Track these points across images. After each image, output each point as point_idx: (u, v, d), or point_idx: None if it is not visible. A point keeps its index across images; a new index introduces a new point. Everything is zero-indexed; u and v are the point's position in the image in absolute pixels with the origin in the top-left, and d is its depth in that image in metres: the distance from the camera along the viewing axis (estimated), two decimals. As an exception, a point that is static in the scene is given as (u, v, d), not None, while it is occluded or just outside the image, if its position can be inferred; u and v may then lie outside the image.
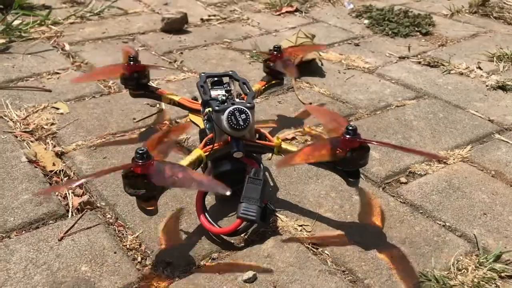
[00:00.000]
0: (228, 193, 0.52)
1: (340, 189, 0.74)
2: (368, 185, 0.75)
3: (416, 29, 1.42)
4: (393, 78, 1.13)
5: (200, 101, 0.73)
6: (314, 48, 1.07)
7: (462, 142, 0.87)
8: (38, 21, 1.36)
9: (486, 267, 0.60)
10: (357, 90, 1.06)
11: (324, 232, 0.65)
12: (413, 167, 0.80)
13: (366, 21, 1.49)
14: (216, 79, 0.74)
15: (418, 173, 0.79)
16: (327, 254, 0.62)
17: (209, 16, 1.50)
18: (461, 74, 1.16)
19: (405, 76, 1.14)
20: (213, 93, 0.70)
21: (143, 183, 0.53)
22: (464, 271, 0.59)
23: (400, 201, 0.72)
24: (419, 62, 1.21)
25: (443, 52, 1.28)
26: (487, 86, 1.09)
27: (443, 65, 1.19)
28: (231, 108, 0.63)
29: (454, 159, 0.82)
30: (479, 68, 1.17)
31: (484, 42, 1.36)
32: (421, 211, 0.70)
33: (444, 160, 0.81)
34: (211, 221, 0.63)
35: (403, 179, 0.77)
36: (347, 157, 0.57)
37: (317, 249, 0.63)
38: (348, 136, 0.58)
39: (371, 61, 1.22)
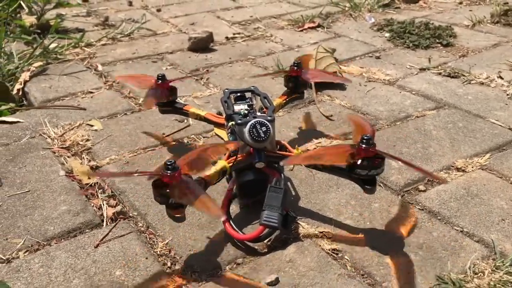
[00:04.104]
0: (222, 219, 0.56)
1: (359, 197, 0.77)
2: (388, 193, 0.78)
3: (437, 40, 1.44)
4: (414, 89, 1.15)
5: (224, 116, 0.78)
6: (334, 78, 1.06)
7: (481, 150, 0.89)
8: (73, 44, 1.44)
9: (502, 270, 0.61)
10: (377, 102, 1.09)
11: (344, 238, 0.68)
12: (431, 175, 0.82)
13: (387, 34, 1.52)
14: (239, 94, 0.78)
15: (437, 181, 0.81)
16: (347, 259, 0.65)
17: (234, 34, 1.56)
18: (482, 84, 1.17)
19: (426, 87, 1.16)
20: (236, 107, 0.74)
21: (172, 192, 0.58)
22: (480, 275, 0.61)
23: (419, 208, 0.74)
24: (440, 73, 1.23)
25: (463, 62, 1.30)
26: (508, 95, 1.10)
27: (463, 75, 1.21)
28: (252, 121, 0.67)
29: (472, 167, 0.84)
30: (500, 77, 1.19)
31: (505, 52, 1.37)
32: (439, 217, 0.72)
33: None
34: (236, 228, 0.67)
35: (421, 187, 0.79)
36: (360, 165, 0.60)
37: (337, 254, 0.66)
38: (363, 146, 0.61)
39: (391, 73, 1.24)
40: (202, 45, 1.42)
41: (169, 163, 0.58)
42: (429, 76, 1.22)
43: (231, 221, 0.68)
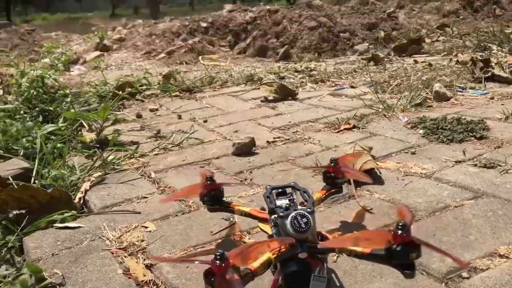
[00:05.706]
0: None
1: (403, 285, 0.78)
2: (431, 281, 0.79)
3: (471, 134, 1.49)
4: (450, 181, 1.18)
5: (267, 210, 0.84)
6: (366, 179, 1.11)
7: (523, 236, 0.90)
8: (128, 155, 1.58)
9: None
10: (415, 194, 1.12)
11: (390, 326, 0.70)
12: (474, 262, 0.83)
13: (421, 131, 1.59)
14: (280, 190, 0.85)
15: (480, 268, 0.82)
16: None
17: (274, 138, 1.67)
18: (519, 172, 1.19)
19: (462, 178, 1.19)
20: (278, 202, 0.81)
21: (219, 282, 0.63)
22: None
23: (463, 295, 0.75)
24: (475, 165, 1.27)
25: (499, 153, 1.33)
26: (546, 182, 1.12)
27: (499, 165, 1.24)
28: (293, 213, 0.73)
29: (515, 253, 0.85)
30: (537, 165, 1.21)
31: (541, 141, 1.40)
32: (484, 303, 0.73)
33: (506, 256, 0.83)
34: (283, 318, 0.70)
35: (465, 274, 0.80)
36: (396, 250, 0.64)
37: None
38: (399, 232, 0.65)
39: (428, 167, 1.29)
40: (245, 149, 1.53)
41: (218, 253, 0.63)
42: (465, 168, 1.26)
43: (278, 311, 0.71)
